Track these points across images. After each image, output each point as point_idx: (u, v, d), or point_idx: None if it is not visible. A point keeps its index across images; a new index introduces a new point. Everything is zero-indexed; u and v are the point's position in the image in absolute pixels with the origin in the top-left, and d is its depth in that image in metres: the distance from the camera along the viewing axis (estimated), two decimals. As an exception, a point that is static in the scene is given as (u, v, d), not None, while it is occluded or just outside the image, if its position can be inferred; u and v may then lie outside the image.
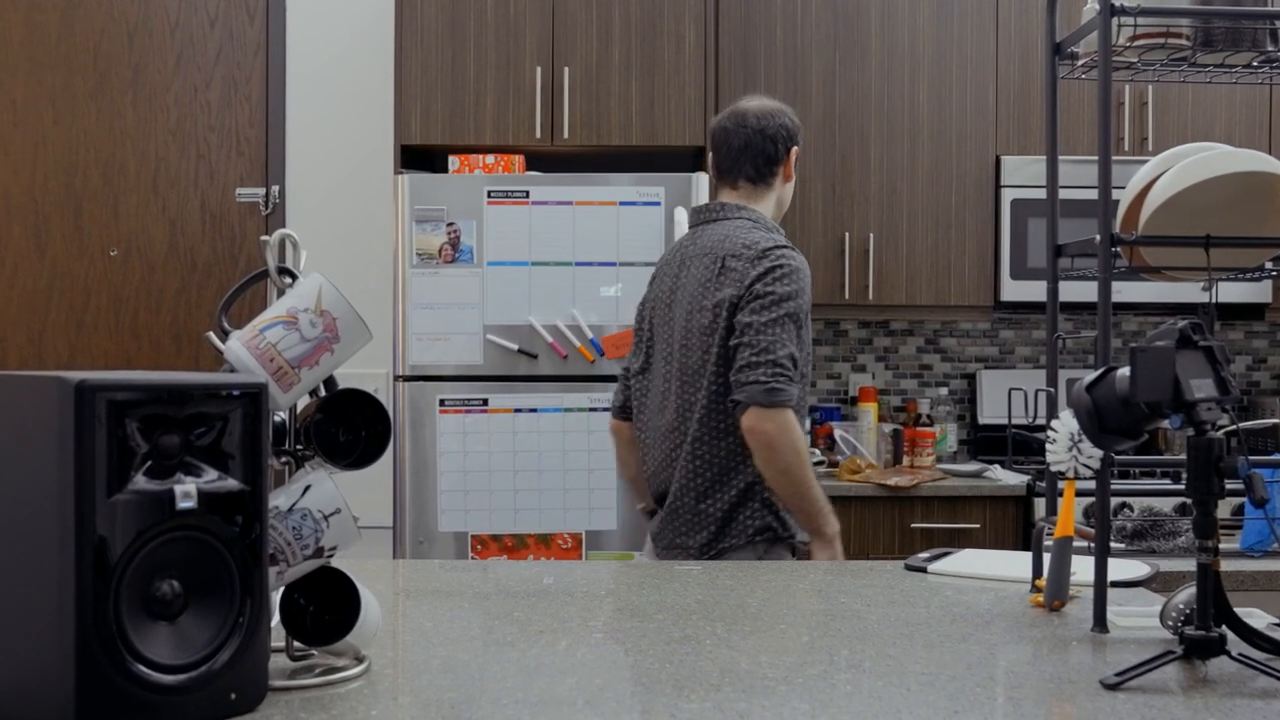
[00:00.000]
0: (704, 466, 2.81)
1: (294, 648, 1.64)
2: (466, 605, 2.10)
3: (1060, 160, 2.23)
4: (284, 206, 4.77)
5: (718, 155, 2.97)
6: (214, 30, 4.79)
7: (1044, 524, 2.11)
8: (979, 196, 4.48)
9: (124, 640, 1.32)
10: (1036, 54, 4.48)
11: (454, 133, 4.22)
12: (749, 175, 2.93)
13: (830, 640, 1.84)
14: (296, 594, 1.62)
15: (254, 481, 1.42)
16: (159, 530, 1.34)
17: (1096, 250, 1.94)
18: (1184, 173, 1.98)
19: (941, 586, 2.28)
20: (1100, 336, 1.91)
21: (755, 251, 2.77)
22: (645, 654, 1.76)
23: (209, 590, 1.39)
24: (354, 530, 1.59)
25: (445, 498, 3.93)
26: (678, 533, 2.86)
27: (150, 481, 1.34)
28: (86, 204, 4.78)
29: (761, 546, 2.80)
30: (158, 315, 4.79)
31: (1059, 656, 1.75)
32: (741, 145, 2.92)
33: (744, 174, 2.94)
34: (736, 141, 2.93)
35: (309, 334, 1.56)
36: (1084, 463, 1.88)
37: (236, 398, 1.41)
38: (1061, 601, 2.03)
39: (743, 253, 2.78)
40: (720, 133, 2.96)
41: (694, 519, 2.84)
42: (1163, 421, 1.73)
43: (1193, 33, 2.08)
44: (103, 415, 1.31)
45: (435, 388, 3.94)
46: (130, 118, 4.78)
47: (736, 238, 2.82)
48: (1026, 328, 4.92)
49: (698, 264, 2.86)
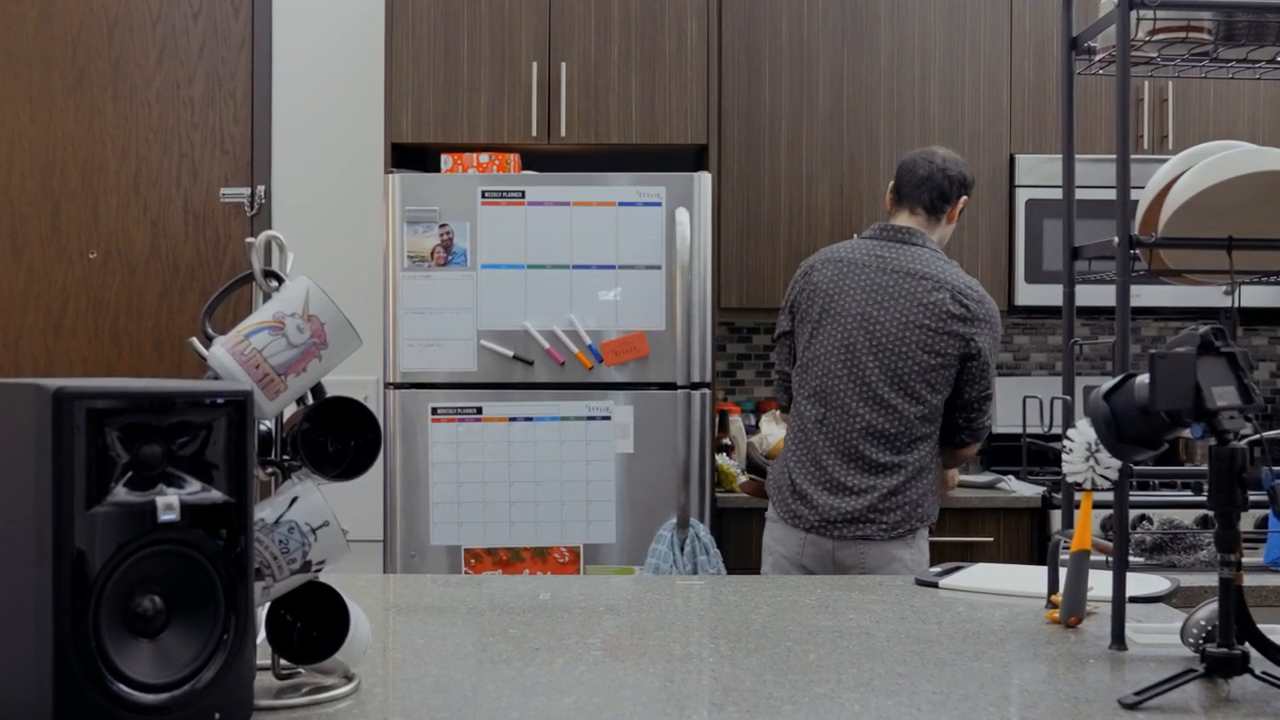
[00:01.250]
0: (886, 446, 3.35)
1: (280, 666, 1.64)
2: (460, 622, 2.10)
3: (1077, 159, 2.23)
4: (270, 207, 4.78)
5: (902, 180, 3.49)
6: (197, 24, 4.79)
7: (1060, 537, 2.11)
8: (992, 197, 4.48)
9: (104, 658, 1.32)
10: (1052, 48, 4.48)
11: (447, 130, 4.22)
12: (925, 205, 3.45)
13: (838, 658, 1.84)
14: (283, 610, 1.62)
15: (239, 493, 1.42)
16: (140, 544, 1.34)
17: (1114, 253, 1.95)
18: (1205, 172, 1.98)
19: (953, 602, 2.28)
20: (1118, 342, 1.92)
21: (978, 300, 3.35)
22: (646, 672, 1.76)
23: (192, 606, 1.39)
24: (343, 544, 1.59)
25: (438, 510, 3.93)
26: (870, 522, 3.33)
27: (131, 493, 1.35)
28: (65, 204, 4.78)
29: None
30: (139, 320, 4.80)
31: (1075, 675, 1.75)
32: (925, 176, 3.45)
33: (922, 202, 3.46)
34: (921, 172, 3.46)
35: (296, 340, 1.56)
36: (1102, 473, 1.88)
37: (221, 406, 1.41)
38: (1078, 618, 2.03)
39: (970, 293, 3.34)
40: (910, 162, 3.50)
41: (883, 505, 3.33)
42: (1183, 431, 1.73)
43: (1215, 26, 2.08)
44: (82, 424, 1.31)
45: (427, 395, 3.94)
46: (110, 115, 4.78)
47: (953, 273, 3.37)
48: (1042, 333, 4.92)
49: (910, 281, 3.34)
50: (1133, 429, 1.74)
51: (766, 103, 4.46)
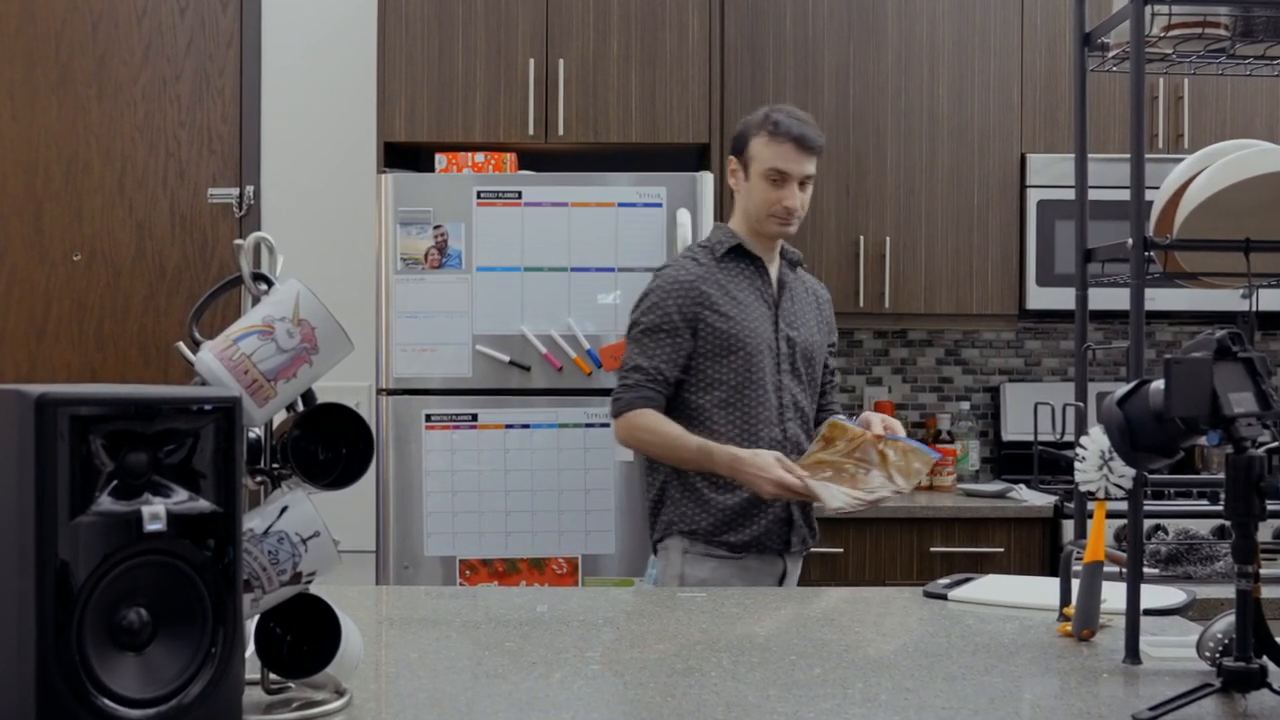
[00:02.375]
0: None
1: (270, 680, 1.65)
2: (454, 635, 2.10)
3: (1090, 159, 2.23)
4: (259, 208, 4.78)
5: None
6: (184, 19, 4.80)
7: (1072, 548, 2.11)
8: (1003, 197, 4.48)
9: (88, 672, 1.32)
10: (1065, 45, 4.49)
11: (441, 129, 4.22)
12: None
13: (844, 673, 1.84)
14: (273, 623, 1.62)
15: (227, 502, 1.42)
16: (125, 554, 1.35)
17: (1129, 255, 1.95)
18: (1222, 172, 1.99)
19: (963, 615, 2.28)
20: (1132, 347, 1.92)
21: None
22: (646, 687, 1.76)
23: (179, 619, 1.39)
24: (334, 554, 1.59)
25: (432, 520, 3.93)
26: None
27: (116, 502, 1.35)
28: (47, 205, 4.78)
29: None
30: (124, 324, 4.80)
31: (1088, 690, 1.76)
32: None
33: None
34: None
35: (286, 345, 1.56)
36: (1115, 482, 1.88)
37: (208, 413, 1.41)
38: (1091, 631, 2.03)
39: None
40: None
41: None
42: (1199, 438, 1.73)
43: (1232, 22, 2.08)
44: (65, 431, 1.31)
45: (421, 402, 3.95)
46: (94, 113, 4.79)
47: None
48: (1054, 338, 4.93)
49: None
50: (1147, 436, 1.74)
51: (770, 100, 4.45)
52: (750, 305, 3.15)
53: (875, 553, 4.11)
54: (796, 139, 3.13)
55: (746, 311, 3.13)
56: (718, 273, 3.16)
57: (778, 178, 3.13)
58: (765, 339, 3.14)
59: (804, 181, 3.17)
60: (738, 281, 3.17)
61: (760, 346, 3.12)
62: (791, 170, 3.14)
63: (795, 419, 3.18)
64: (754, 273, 3.20)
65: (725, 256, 3.19)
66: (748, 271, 3.19)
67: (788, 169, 3.13)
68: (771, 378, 3.14)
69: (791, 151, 3.14)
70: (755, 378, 3.11)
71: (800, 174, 3.15)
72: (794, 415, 3.17)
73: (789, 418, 3.16)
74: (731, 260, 3.19)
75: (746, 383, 3.11)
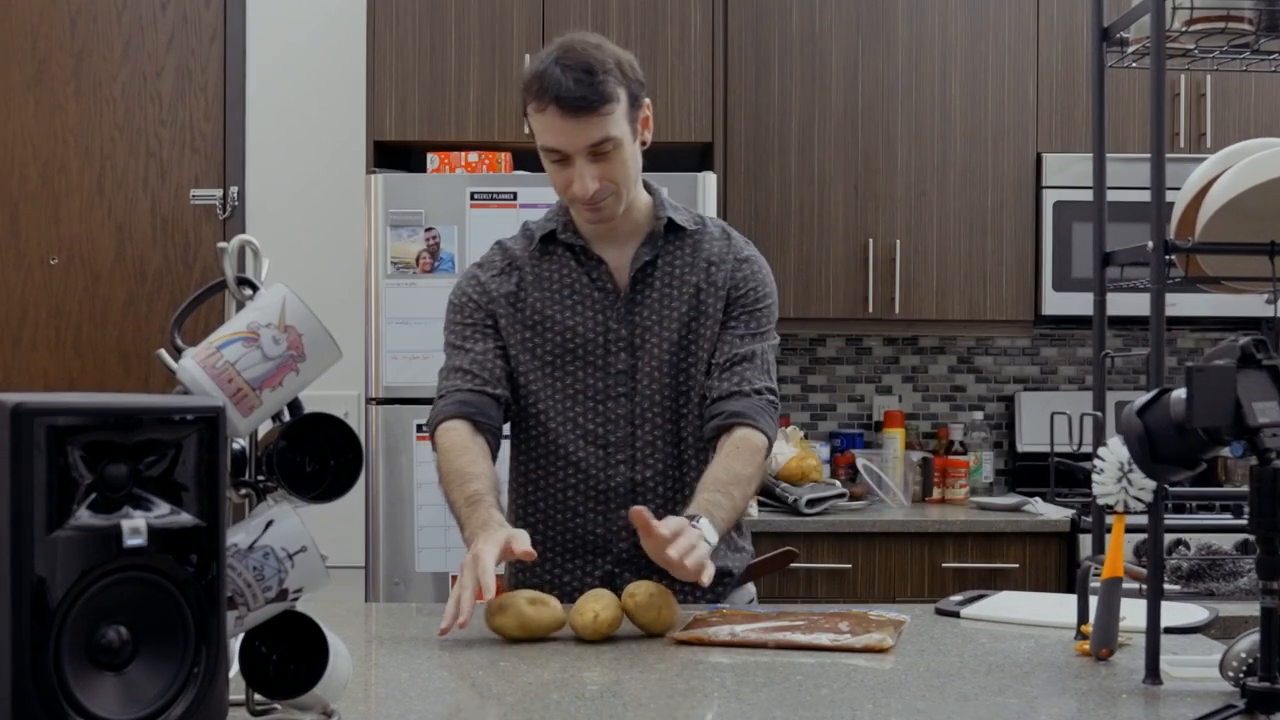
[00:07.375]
0: None
1: (255, 701, 1.64)
2: (446, 654, 2.10)
3: (1108, 158, 2.24)
4: (244, 210, 4.79)
5: None
6: (166, 14, 4.80)
7: (1090, 563, 2.11)
8: (1018, 199, 4.49)
9: (65, 693, 1.32)
10: (1082, 40, 4.49)
11: (433, 127, 4.23)
12: None
13: (852, 693, 1.84)
14: (258, 641, 1.62)
15: (210, 516, 1.42)
16: (104, 570, 1.34)
17: (1148, 258, 1.95)
18: (1246, 172, 1.99)
19: (976, 633, 2.28)
20: (1153, 355, 1.92)
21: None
22: (646, 709, 1.76)
23: (160, 637, 1.39)
24: (322, 570, 1.59)
25: (423, 534, 3.92)
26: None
27: (95, 516, 1.35)
28: (23, 207, 4.79)
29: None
30: (103, 331, 4.80)
31: (1107, 711, 1.75)
32: None
33: None
34: None
35: (272, 352, 1.56)
36: (1135, 495, 1.88)
37: (191, 423, 1.41)
38: (1109, 650, 2.03)
39: None
40: None
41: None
42: (1222, 449, 1.73)
43: (1256, 16, 2.08)
44: (42, 442, 1.31)
45: (412, 412, 3.94)
46: (72, 111, 4.79)
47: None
48: (1071, 345, 4.93)
49: None
50: (1168, 447, 1.74)
51: (775, 98, 4.46)
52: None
53: (885, 568, 4.11)
54: (558, 101, 2.33)
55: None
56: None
57: (558, 157, 2.41)
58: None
59: (596, 152, 2.38)
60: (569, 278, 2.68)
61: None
62: (564, 145, 2.37)
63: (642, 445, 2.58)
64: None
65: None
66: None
67: (559, 145, 2.38)
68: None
69: (557, 119, 2.35)
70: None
71: (581, 146, 2.36)
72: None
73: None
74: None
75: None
